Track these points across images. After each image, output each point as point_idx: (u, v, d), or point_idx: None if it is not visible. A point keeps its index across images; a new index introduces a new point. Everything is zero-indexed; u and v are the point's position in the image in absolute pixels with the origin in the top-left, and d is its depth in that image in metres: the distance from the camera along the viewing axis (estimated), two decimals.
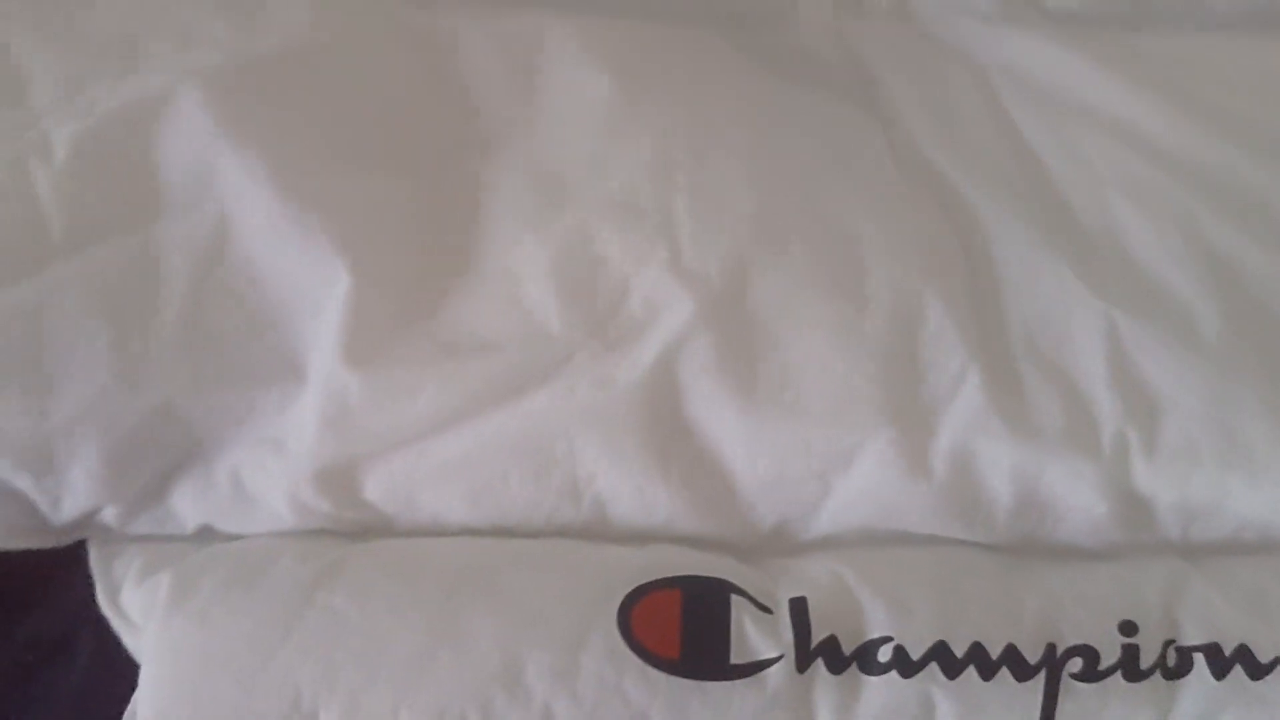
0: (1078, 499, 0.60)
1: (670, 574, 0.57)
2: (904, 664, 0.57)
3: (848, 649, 0.57)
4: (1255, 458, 0.60)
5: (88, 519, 0.59)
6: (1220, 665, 0.60)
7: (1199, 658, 0.59)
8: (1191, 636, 0.60)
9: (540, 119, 0.64)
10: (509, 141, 0.63)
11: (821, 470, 0.59)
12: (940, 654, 0.57)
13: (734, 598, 0.57)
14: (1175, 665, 0.59)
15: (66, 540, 0.60)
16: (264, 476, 0.58)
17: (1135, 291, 0.61)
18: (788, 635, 0.57)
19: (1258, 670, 0.60)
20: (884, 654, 0.57)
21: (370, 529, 0.60)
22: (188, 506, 0.59)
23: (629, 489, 0.59)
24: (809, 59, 0.71)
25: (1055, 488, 0.60)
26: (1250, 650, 0.60)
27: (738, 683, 0.56)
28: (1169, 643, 0.60)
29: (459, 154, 0.63)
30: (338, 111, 0.62)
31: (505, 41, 0.67)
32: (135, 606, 0.58)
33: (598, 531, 0.60)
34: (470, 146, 0.63)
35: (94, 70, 0.60)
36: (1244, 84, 0.68)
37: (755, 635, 0.57)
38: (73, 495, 0.57)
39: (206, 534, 0.60)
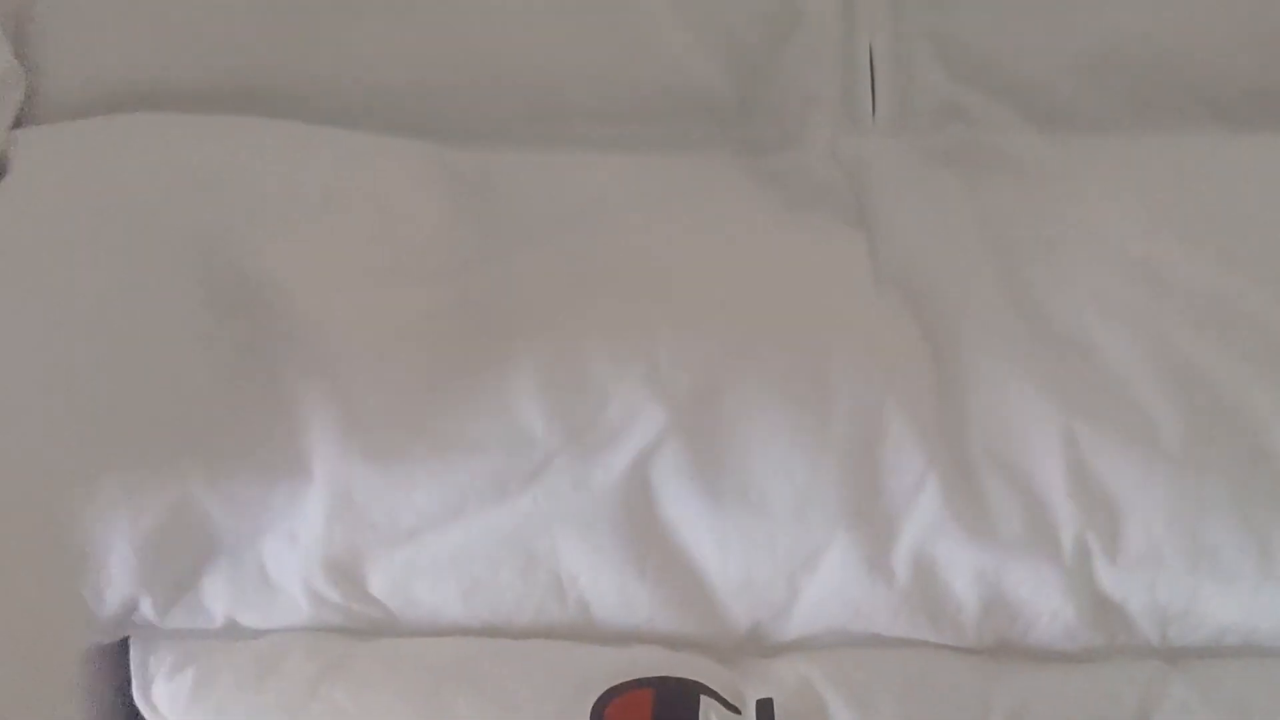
0: (1044, 603, 0.61)
1: (644, 674, 0.61)
2: None
3: None
4: (1222, 563, 0.61)
5: (128, 613, 0.65)
6: None
7: None
8: None
9: (548, 239, 0.69)
10: (516, 260, 0.68)
11: (788, 572, 0.62)
12: None
13: (703, 698, 0.60)
14: None
15: (112, 637, 0.67)
16: (282, 567, 0.64)
17: (1099, 401, 0.62)
18: None
19: None
20: None
21: (377, 625, 0.65)
22: (217, 598, 0.65)
23: (610, 587, 0.63)
24: (810, 179, 0.75)
25: (1020, 591, 0.61)
26: None
27: None
28: None
29: (476, 270, 0.68)
30: (371, 236, 0.69)
31: (531, 173, 0.73)
32: (164, 700, 0.64)
33: (583, 629, 0.64)
34: (484, 264, 0.68)
35: None
36: (1239, 188, 0.70)
37: None
38: (112, 586, 0.63)
39: (233, 629, 0.66)
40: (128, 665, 0.66)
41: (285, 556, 0.64)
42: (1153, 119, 0.77)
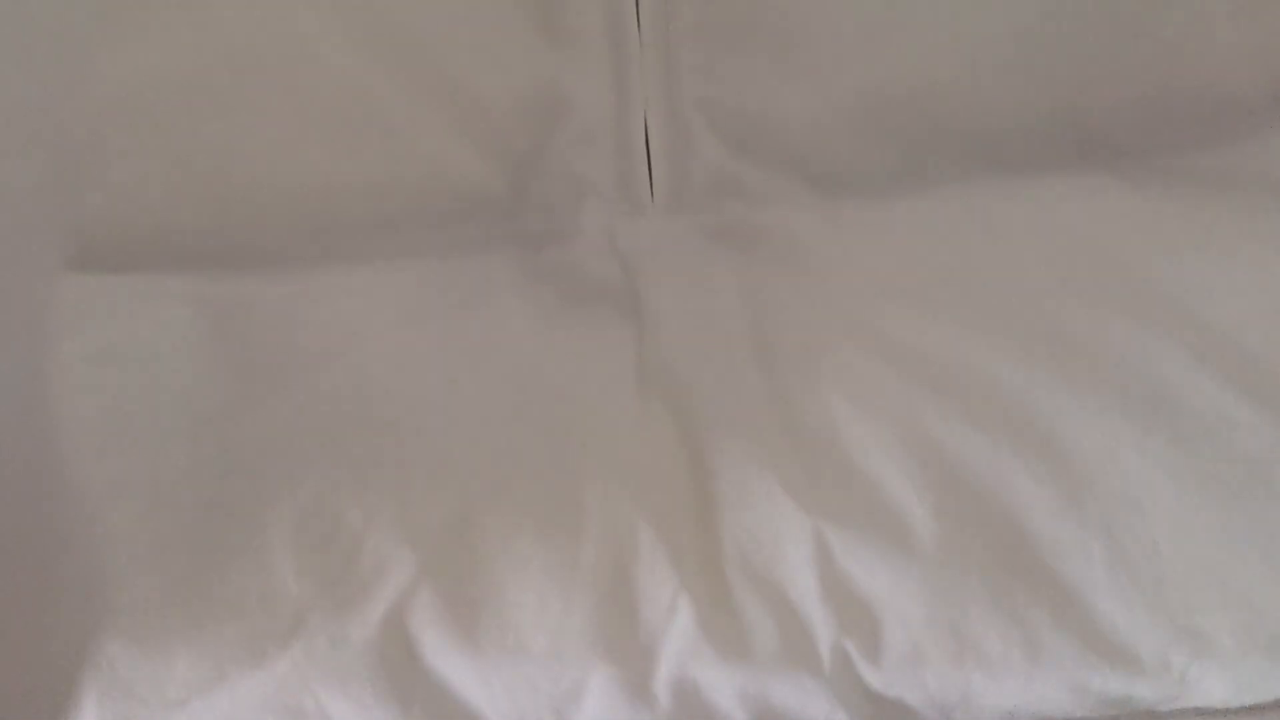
0: (813, 711, 0.60)
1: None
2: None
3: None
4: (987, 653, 0.60)
5: None
6: None
7: None
8: None
9: (307, 379, 0.68)
10: (275, 405, 0.67)
11: (555, 707, 0.61)
12: None
13: None
14: None
15: None
16: None
17: (847, 500, 0.61)
18: None
19: None
20: None
21: None
22: None
23: None
24: (584, 273, 0.73)
25: (788, 703, 0.60)
26: None
27: None
28: None
29: (235, 417, 0.67)
30: (131, 391, 0.68)
31: (295, 301, 0.71)
32: None
33: None
34: (243, 411, 0.67)
35: None
36: (1004, 244, 0.68)
37: None
38: None
39: None
40: None
41: None
42: (933, 173, 0.75)
